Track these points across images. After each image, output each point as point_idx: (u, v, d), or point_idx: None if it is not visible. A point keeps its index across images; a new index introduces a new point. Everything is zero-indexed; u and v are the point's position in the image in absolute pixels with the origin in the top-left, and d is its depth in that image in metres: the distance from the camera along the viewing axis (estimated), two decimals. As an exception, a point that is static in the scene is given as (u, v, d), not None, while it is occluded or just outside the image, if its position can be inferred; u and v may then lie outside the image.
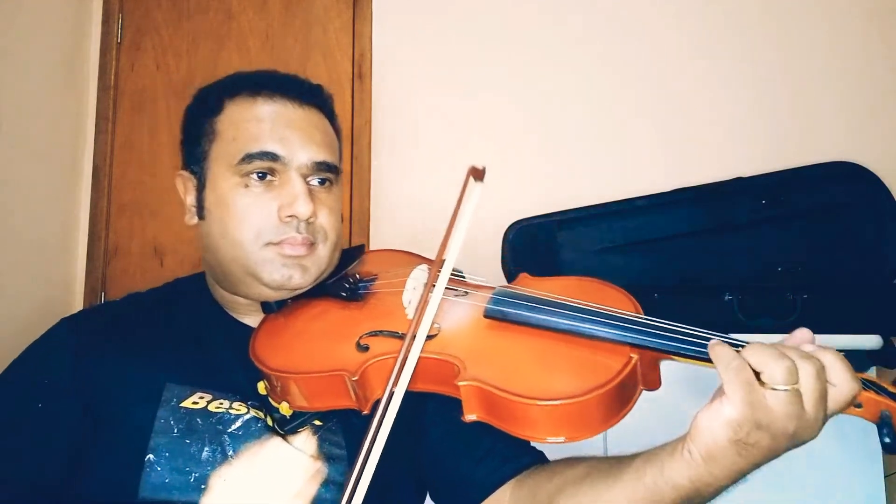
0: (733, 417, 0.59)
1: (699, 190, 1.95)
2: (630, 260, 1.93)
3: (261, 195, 0.86)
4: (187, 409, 0.82)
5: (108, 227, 2.28)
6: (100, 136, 2.31)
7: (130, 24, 2.37)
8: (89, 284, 2.25)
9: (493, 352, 0.73)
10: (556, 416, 0.65)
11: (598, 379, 0.65)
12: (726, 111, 2.08)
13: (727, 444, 0.60)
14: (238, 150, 0.86)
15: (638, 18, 2.17)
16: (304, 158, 0.87)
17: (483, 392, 0.68)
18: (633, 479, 0.68)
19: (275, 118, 0.88)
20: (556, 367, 0.70)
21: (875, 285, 1.79)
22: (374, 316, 0.85)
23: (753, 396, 0.59)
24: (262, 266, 0.86)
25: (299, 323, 0.88)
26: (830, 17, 2.07)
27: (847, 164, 1.90)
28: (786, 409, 0.59)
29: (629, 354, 0.67)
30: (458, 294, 0.84)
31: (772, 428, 0.59)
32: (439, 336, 0.76)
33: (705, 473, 0.62)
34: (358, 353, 0.77)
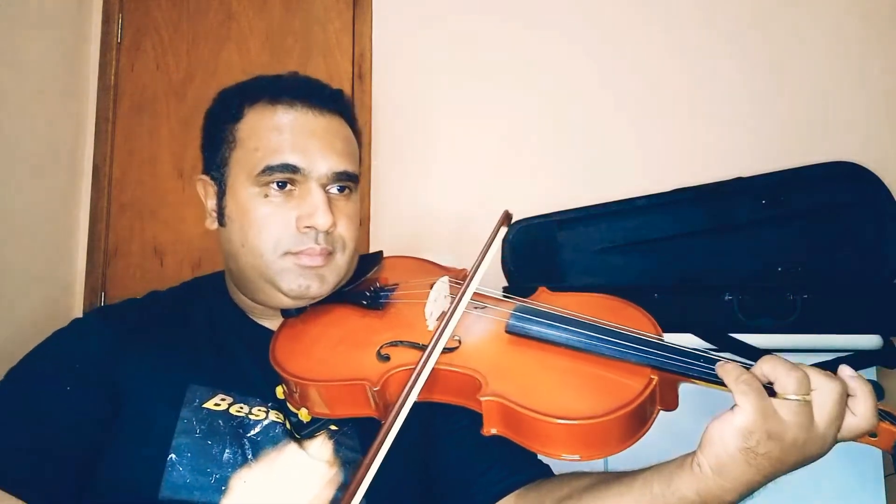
0: (744, 425, 0.60)
1: (699, 190, 1.95)
2: (630, 260, 1.93)
3: (280, 205, 0.86)
4: (210, 410, 0.82)
5: (108, 227, 2.28)
6: (100, 136, 2.31)
7: (130, 24, 2.37)
8: (89, 284, 2.25)
9: (514, 368, 0.74)
10: (576, 435, 0.66)
11: (619, 400, 0.66)
12: (726, 111, 2.08)
13: (737, 452, 0.60)
14: (258, 160, 0.86)
15: (638, 19, 2.17)
16: (325, 169, 0.87)
17: (505, 408, 0.68)
18: (639, 490, 0.69)
19: (295, 128, 0.87)
20: (577, 386, 0.70)
21: (875, 285, 1.79)
22: (394, 326, 0.85)
23: (764, 404, 0.60)
24: (280, 275, 0.86)
25: (318, 328, 0.88)
26: (830, 17, 2.07)
27: (847, 164, 1.90)
28: (796, 419, 0.60)
29: (650, 376, 0.68)
30: (478, 307, 0.84)
31: (782, 438, 0.60)
32: (460, 349, 0.77)
33: (714, 486, 0.62)
34: (379, 363, 0.77)
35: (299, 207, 0.86)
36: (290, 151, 0.86)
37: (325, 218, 0.85)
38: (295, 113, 0.88)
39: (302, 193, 0.87)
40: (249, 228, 0.86)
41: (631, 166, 2.09)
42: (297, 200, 0.86)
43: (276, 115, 0.88)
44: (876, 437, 0.64)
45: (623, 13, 2.18)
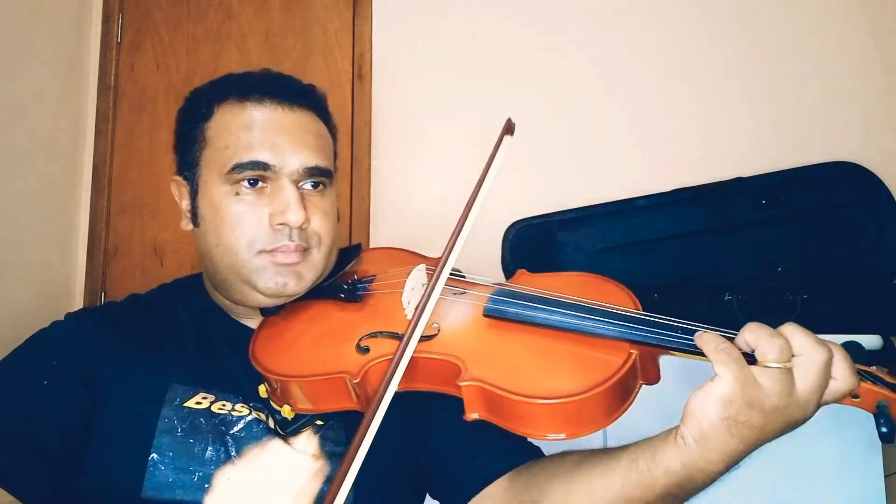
0: (724, 393, 0.60)
1: (699, 190, 1.95)
2: (630, 260, 1.93)
3: (252, 203, 0.85)
4: (191, 409, 0.82)
5: (108, 227, 2.28)
6: (100, 136, 2.31)
7: (130, 24, 2.37)
8: (89, 284, 2.25)
9: (493, 351, 0.74)
10: (558, 414, 0.66)
11: (598, 376, 0.66)
12: (726, 111, 2.08)
13: (718, 421, 0.61)
14: (228, 159, 0.85)
15: (638, 19, 2.17)
16: (296, 164, 0.86)
17: (485, 392, 0.68)
18: (626, 465, 0.69)
19: (264, 124, 0.86)
20: (556, 365, 0.70)
21: (875, 285, 1.79)
22: (373, 317, 0.84)
23: (743, 373, 0.60)
24: (256, 274, 0.86)
25: (298, 325, 0.87)
26: (830, 17, 2.07)
27: (847, 164, 1.90)
28: (776, 386, 0.60)
29: (629, 350, 0.68)
30: (457, 293, 0.83)
31: (762, 406, 0.60)
32: (439, 336, 0.76)
33: (698, 458, 0.63)
34: (358, 355, 0.77)
35: (272, 204, 0.85)
36: (259, 148, 0.85)
37: (298, 214, 0.84)
38: (264, 109, 0.87)
39: (274, 190, 0.86)
40: (223, 227, 0.86)
41: (631, 166, 2.09)
42: (270, 197, 0.85)
43: (245, 113, 0.87)
44: (858, 399, 0.64)
45: (623, 13, 2.18)
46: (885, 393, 0.63)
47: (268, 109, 0.87)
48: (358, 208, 2.20)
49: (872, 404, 0.63)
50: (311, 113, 0.91)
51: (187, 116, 0.92)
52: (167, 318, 0.93)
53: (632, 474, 0.68)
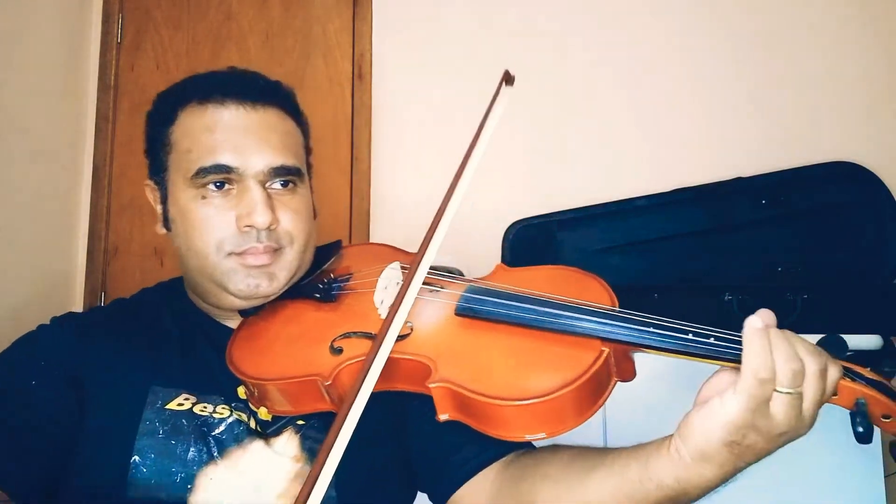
0: (733, 421, 0.58)
1: (699, 190, 1.95)
2: (630, 260, 1.93)
3: (219, 206, 0.84)
4: (172, 410, 0.82)
5: (108, 227, 2.28)
6: (100, 136, 2.31)
7: (130, 24, 2.37)
8: (89, 284, 2.25)
9: (464, 351, 0.73)
10: (529, 415, 0.65)
11: (569, 375, 0.64)
12: (726, 111, 2.08)
13: (721, 446, 0.59)
14: (192, 163, 0.85)
15: (638, 18, 2.17)
16: (261, 165, 0.85)
17: (454, 393, 0.68)
18: (618, 474, 0.68)
19: (227, 126, 0.85)
20: (527, 364, 0.69)
21: (875, 285, 1.79)
22: (347, 317, 0.83)
23: (759, 402, 0.57)
24: (227, 277, 0.85)
25: (275, 326, 0.87)
26: (831, 16, 2.07)
27: (847, 164, 1.90)
28: (786, 412, 0.58)
29: (601, 348, 0.66)
30: (434, 290, 0.82)
31: (770, 431, 0.58)
32: (413, 336, 0.76)
33: (694, 474, 0.61)
34: (332, 357, 0.76)
35: (238, 207, 0.84)
36: (222, 151, 0.84)
37: (264, 216, 0.83)
38: (225, 111, 0.86)
39: (240, 192, 0.85)
40: (191, 231, 0.85)
41: (631, 166, 2.09)
42: (236, 199, 0.84)
43: (207, 115, 0.86)
44: (837, 396, 0.62)
45: (622, 14, 2.18)
46: (863, 390, 0.61)
47: (230, 110, 0.86)
48: (358, 208, 2.20)
49: (851, 401, 0.61)
50: (278, 110, 0.90)
51: (154, 121, 0.92)
52: (150, 320, 0.93)
53: (623, 485, 0.67)
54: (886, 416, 0.61)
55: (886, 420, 0.61)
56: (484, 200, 2.10)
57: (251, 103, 0.87)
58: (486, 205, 2.09)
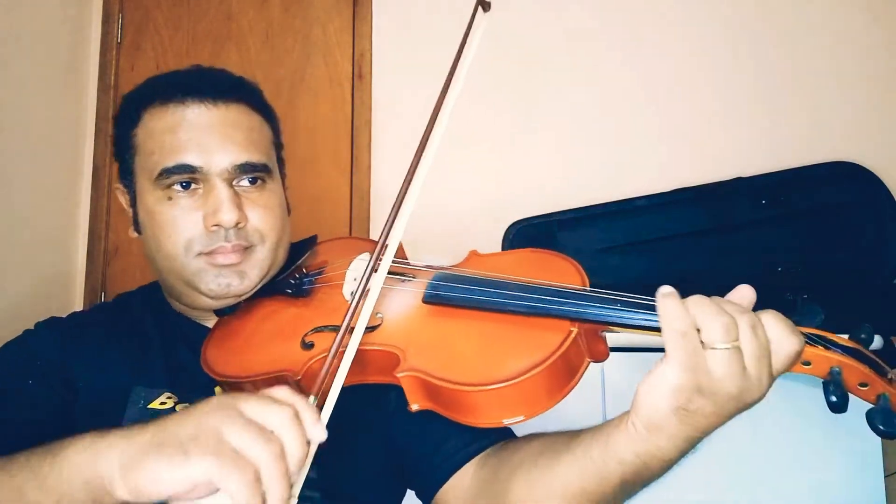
0: (673, 384, 0.56)
1: (699, 190, 1.95)
2: (630, 260, 1.93)
3: (186, 206, 0.84)
4: (155, 410, 0.82)
5: (108, 227, 2.28)
6: (100, 136, 2.31)
7: (130, 24, 2.37)
8: (89, 284, 2.25)
9: (432, 338, 0.72)
10: (500, 400, 0.64)
11: (537, 356, 0.63)
12: (726, 111, 2.08)
13: (669, 412, 0.58)
14: (155, 164, 0.84)
15: (638, 18, 2.17)
16: (225, 163, 0.83)
17: (422, 382, 0.67)
18: (581, 456, 0.67)
19: (189, 125, 0.84)
20: (495, 349, 0.68)
21: (875, 285, 1.79)
22: (318, 311, 0.82)
23: (694, 359, 0.56)
24: (197, 277, 0.85)
25: (250, 325, 0.86)
26: (831, 16, 2.07)
27: (847, 164, 1.90)
28: (727, 370, 0.56)
29: (569, 328, 0.66)
30: (405, 280, 0.82)
31: (715, 393, 0.56)
32: (382, 326, 0.75)
33: (651, 446, 0.60)
34: (302, 352, 0.76)
35: (205, 206, 0.83)
36: (185, 151, 0.83)
37: (230, 214, 0.82)
38: (186, 110, 0.85)
39: (206, 191, 0.84)
40: (160, 233, 0.85)
41: (631, 166, 2.09)
42: (203, 199, 0.84)
43: (168, 115, 0.85)
44: (810, 366, 0.60)
45: (623, 14, 2.18)
46: (838, 358, 0.59)
47: (191, 109, 0.85)
48: (358, 208, 2.20)
49: (825, 370, 0.59)
50: (242, 106, 0.88)
51: (119, 124, 0.91)
52: (131, 323, 0.93)
53: (588, 466, 0.66)
54: (863, 384, 0.59)
55: (863, 388, 0.59)
56: (484, 200, 2.11)
57: (212, 100, 0.86)
58: (486, 205, 2.09)
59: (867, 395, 0.59)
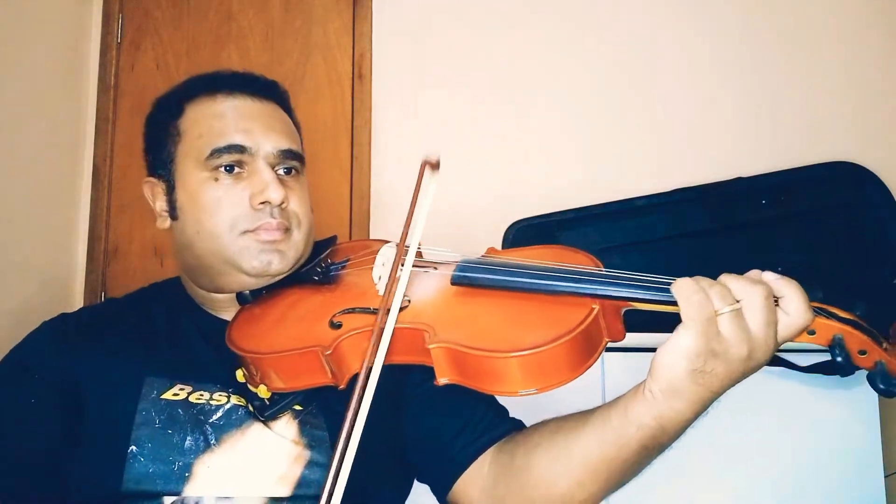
0: (690, 348, 0.61)
1: (699, 190, 1.95)
2: (630, 260, 1.93)
3: (231, 186, 0.88)
4: (168, 400, 0.84)
5: (108, 227, 2.28)
6: (100, 136, 2.31)
7: (130, 24, 2.37)
8: (89, 284, 2.25)
9: (461, 315, 0.76)
10: (525, 368, 0.67)
11: (561, 329, 0.67)
12: (727, 111, 2.08)
13: (685, 374, 0.62)
14: (205, 145, 0.89)
15: (638, 18, 2.17)
16: (270, 147, 0.90)
17: (452, 352, 0.70)
18: (600, 425, 0.71)
19: (236, 112, 0.91)
20: (521, 323, 0.72)
21: (875, 285, 1.79)
22: (346, 295, 0.86)
23: (710, 327, 0.62)
24: (240, 254, 0.88)
25: (275, 310, 0.89)
26: (831, 17, 2.07)
27: (847, 164, 1.90)
28: (734, 331, 0.62)
29: (591, 305, 0.70)
30: (428, 270, 0.86)
31: (726, 353, 0.62)
32: (410, 307, 0.78)
33: (667, 409, 0.65)
34: (331, 331, 0.79)
35: (250, 186, 0.88)
36: (234, 132, 0.89)
37: (278, 192, 0.87)
38: (234, 100, 0.92)
39: (251, 173, 0.89)
40: (203, 213, 0.88)
41: (631, 166, 2.09)
42: (247, 181, 0.89)
43: (217, 104, 0.92)
44: (814, 335, 0.66)
45: (623, 15, 2.18)
46: (839, 327, 0.65)
47: (238, 100, 0.92)
48: (358, 208, 2.20)
49: (827, 339, 0.65)
50: (277, 106, 0.96)
51: (156, 119, 0.97)
52: (142, 316, 0.95)
53: (607, 434, 0.70)
54: (862, 352, 0.65)
55: (862, 355, 0.65)
56: (484, 200, 2.11)
57: (256, 96, 0.94)
58: (487, 205, 2.09)
59: (866, 362, 0.65)
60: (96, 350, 0.88)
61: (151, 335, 0.92)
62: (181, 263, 0.97)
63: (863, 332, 0.65)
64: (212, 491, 0.79)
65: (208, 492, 0.79)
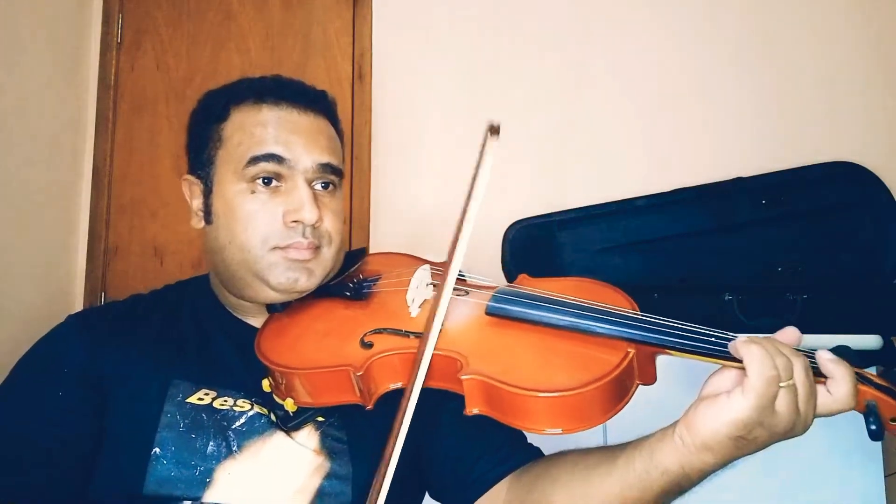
0: (741, 419, 0.61)
1: (699, 190, 1.95)
2: (630, 260, 1.93)
3: (267, 201, 0.87)
4: (193, 404, 0.83)
5: (108, 227, 2.28)
6: (100, 136, 2.31)
7: (130, 24, 2.37)
8: (89, 284, 2.25)
9: (494, 347, 0.75)
10: (556, 408, 0.67)
11: (596, 372, 0.67)
12: (726, 111, 2.09)
13: (727, 440, 0.62)
14: (243, 153, 0.88)
15: (637, 18, 2.17)
16: (309, 162, 0.88)
17: (485, 385, 0.70)
18: (623, 467, 0.70)
19: (279, 123, 0.89)
20: (555, 362, 0.71)
21: (875, 285, 1.79)
22: (377, 314, 0.86)
23: (769, 401, 0.61)
24: (268, 270, 0.87)
25: (304, 322, 0.89)
26: (830, 17, 2.07)
27: (847, 164, 1.90)
28: (787, 405, 0.61)
29: (626, 349, 0.69)
30: (461, 293, 0.85)
31: (773, 426, 0.62)
32: (443, 333, 0.77)
33: (697, 461, 0.64)
34: (362, 350, 0.79)
35: (286, 203, 0.87)
36: (274, 143, 0.87)
37: (312, 212, 0.86)
38: (280, 110, 0.90)
39: (288, 189, 0.88)
40: (236, 224, 0.87)
41: (631, 166, 2.09)
42: (284, 196, 0.87)
43: (262, 112, 0.90)
44: None
45: (623, 14, 2.18)
46: (873, 393, 0.65)
47: (283, 111, 0.90)
48: (358, 209, 2.20)
49: (861, 404, 0.65)
50: (323, 118, 0.94)
51: (201, 118, 0.94)
52: (169, 316, 0.94)
53: (629, 477, 0.69)
54: (894, 420, 0.65)
55: (894, 423, 0.65)
56: (484, 200, 2.10)
57: (303, 107, 0.91)
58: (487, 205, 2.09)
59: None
60: (124, 348, 0.88)
61: (179, 337, 0.91)
62: (211, 265, 0.96)
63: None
64: (231, 498, 0.79)
65: (228, 499, 0.79)
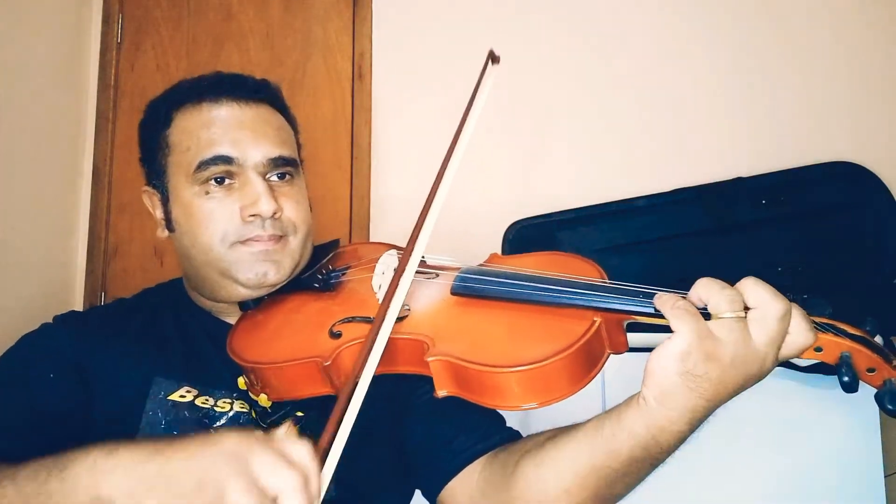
0: (681, 347, 0.61)
1: (699, 190, 1.95)
2: (630, 260, 1.93)
3: (223, 199, 0.87)
4: (175, 402, 0.84)
5: (108, 227, 2.28)
6: (100, 136, 2.31)
7: (130, 24, 2.37)
8: (89, 284, 2.25)
9: (460, 327, 0.75)
10: (524, 383, 0.67)
11: (562, 343, 0.66)
12: (726, 111, 2.08)
13: (677, 377, 0.61)
14: (192, 159, 0.87)
15: (638, 18, 2.17)
16: (259, 156, 0.88)
17: (451, 366, 0.69)
18: (592, 433, 0.70)
19: (223, 121, 0.88)
20: (522, 336, 0.71)
21: (875, 285, 1.79)
22: (346, 304, 0.86)
23: (698, 325, 0.61)
24: (234, 267, 0.87)
25: (276, 318, 0.89)
26: (831, 16, 2.07)
27: (847, 164, 1.90)
28: (731, 336, 0.61)
29: (592, 318, 0.68)
30: (431, 276, 0.85)
31: (720, 357, 0.61)
32: (409, 317, 0.78)
33: (660, 417, 0.63)
34: (331, 340, 0.78)
35: (241, 198, 0.87)
36: (221, 144, 0.87)
37: (269, 204, 0.86)
38: (221, 108, 0.89)
39: (241, 184, 0.87)
40: (196, 227, 0.88)
41: (631, 166, 2.09)
42: (238, 192, 0.87)
43: (203, 113, 0.89)
44: (822, 352, 0.65)
45: (623, 14, 2.18)
46: (847, 344, 0.64)
47: (225, 108, 0.89)
48: (358, 208, 2.20)
49: (835, 356, 0.64)
50: (268, 107, 0.93)
51: (147, 127, 0.94)
52: (151, 317, 0.95)
53: (597, 441, 0.69)
54: (870, 370, 0.64)
55: (871, 373, 0.64)
56: (484, 200, 2.10)
57: (244, 100, 0.91)
58: (486, 205, 2.09)
59: (874, 380, 0.64)
60: (109, 346, 0.88)
61: (161, 336, 0.92)
62: (183, 272, 0.97)
63: (872, 350, 0.64)
64: None
65: None
